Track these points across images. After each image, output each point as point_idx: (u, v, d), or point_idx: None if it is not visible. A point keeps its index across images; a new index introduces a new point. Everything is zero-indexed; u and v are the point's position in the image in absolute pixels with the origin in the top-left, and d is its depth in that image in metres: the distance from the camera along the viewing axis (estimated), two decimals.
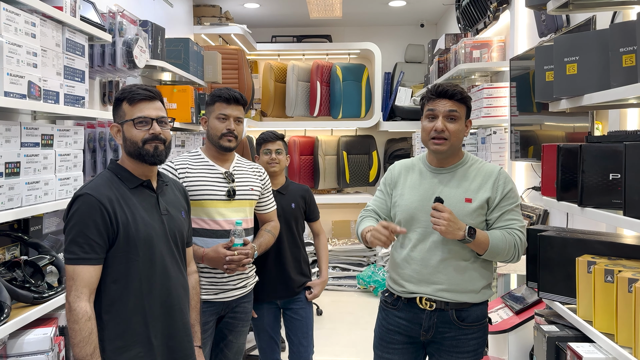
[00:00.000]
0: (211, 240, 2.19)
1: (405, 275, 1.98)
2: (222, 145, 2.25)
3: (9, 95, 1.69)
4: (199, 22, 4.97)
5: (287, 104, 6.00)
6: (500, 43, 3.72)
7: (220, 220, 2.21)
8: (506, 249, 1.88)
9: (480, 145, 3.77)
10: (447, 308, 1.92)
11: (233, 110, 2.25)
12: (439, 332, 1.94)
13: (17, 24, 1.75)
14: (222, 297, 2.23)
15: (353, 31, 6.47)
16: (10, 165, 1.76)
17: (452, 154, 1.97)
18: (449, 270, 1.92)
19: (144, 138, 1.69)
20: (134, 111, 1.71)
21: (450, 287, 1.92)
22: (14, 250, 2.06)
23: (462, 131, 1.94)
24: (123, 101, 1.74)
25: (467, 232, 1.84)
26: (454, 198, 1.92)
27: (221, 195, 2.23)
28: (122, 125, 1.73)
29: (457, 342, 1.94)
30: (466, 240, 1.85)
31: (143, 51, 2.86)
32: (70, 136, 2.17)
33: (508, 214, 1.93)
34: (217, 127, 2.24)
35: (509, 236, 1.89)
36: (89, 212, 1.58)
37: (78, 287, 1.54)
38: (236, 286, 2.27)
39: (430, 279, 1.93)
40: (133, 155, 1.72)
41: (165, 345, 1.69)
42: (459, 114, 1.91)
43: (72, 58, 2.14)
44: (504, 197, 1.93)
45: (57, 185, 2.04)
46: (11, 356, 1.72)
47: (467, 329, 1.93)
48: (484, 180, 1.94)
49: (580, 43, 1.68)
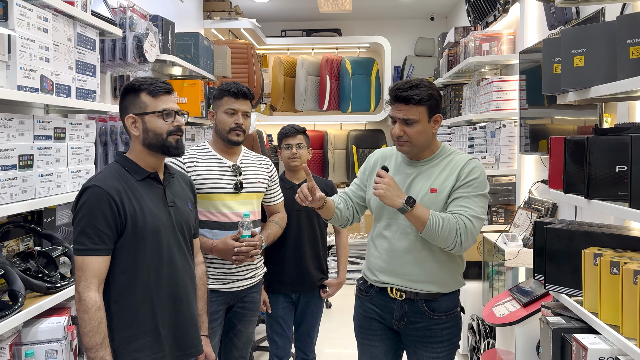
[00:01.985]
0: (220, 232, 2.22)
1: (376, 265, 2.02)
2: (231, 140, 2.28)
3: (22, 89, 1.73)
4: (209, 16, 5.00)
5: (296, 98, 6.02)
6: (510, 36, 3.70)
7: (228, 212, 2.24)
8: (446, 230, 1.82)
9: (489, 138, 3.77)
10: (417, 298, 1.94)
11: (241, 105, 2.28)
12: (411, 322, 1.96)
13: (30, 19, 1.78)
14: (231, 287, 2.26)
15: (363, 25, 6.46)
16: (24, 158, 1.80)
17: (422, 149, 1.97)
18: (414, 260, 1.93)
19: (169, 130, 1.73)
20: (158, 103, 1.73)
21: (416, 278, 1.93)
22: (28, 242, 2.10)
23: (423, 132, 1.91)
24: (142, 92, 1.73)
25: (406, 201, 1.83)
26: (422, 189, 1.94)
27: (229, 188, 2.26)
28: (143, 116, 1.73)
29: (429, 332, 1.95)
30: (404, 209, 1.83)
31: (153, 46, 2.89)
32: (82, 129, 2.21)
33: (462, 200, 1.88)
34: (226, 122, 2.27)
35: (452, 220, 1.84)
36: (97, 204, 1.60)
37: (87, 277, 1.58)
38: (245, 276, 2.30)
39: (398, 270, 1.96)
40: (154, 146, 1.74)
41: (173, 335, 1.72)
42: (416, 118, 1.89)
43: (84, 52, 2.17)
44: (463, 184, 1.90)
45: (70, 177, 2.08)
46: (25, 344, 1.76)
47: (438, 319, 1.95)
48: (452, 170, 1.93)
49: (588, 35, 1.67)
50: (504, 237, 2.97)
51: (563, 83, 1.75)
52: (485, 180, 1.94)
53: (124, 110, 1.77)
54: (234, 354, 2.37)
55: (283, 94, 6.00)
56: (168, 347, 1.70)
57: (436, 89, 1.94)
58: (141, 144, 1.75)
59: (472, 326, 3.31)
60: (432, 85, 1.94)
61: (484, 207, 1.91)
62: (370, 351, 2.07)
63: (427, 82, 1.94)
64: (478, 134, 3.84)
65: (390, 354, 2.05)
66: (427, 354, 1.97)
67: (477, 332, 3.19)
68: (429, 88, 1.91)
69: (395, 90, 1.91)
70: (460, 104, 4.48)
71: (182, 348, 1.75)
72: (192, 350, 1.79)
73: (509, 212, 3.62)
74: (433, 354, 1.96)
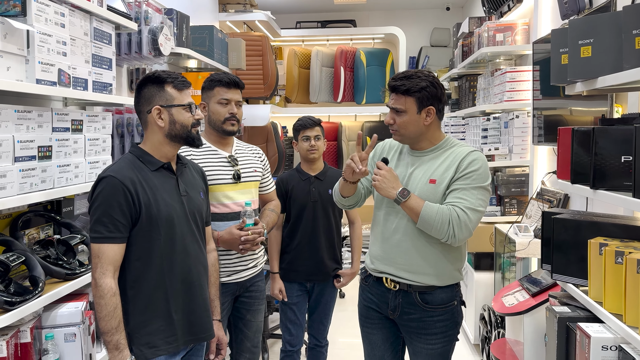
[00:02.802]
0: (222, 223, 2.25)
1: (374, 252, 2.06)
2: (226, 130, 2.30)
3: (40, 83, 1.79)
4: (224, 9, 5.04)
5: (311, 89, 6.04)
6: (524, 26, 3.67)
7: (229, 203, 2.28)
8: (438, 222, 1.83)
9: (503, 129, 3.76)
10: (410, 290, 1.95)
11: (234, 94, 2.31)
12: (405, 313, 1.98)
13: (47, 15, 1.84)
14: (235, 278, 2.31)
15: (378, 15, 6.44)
16: (43, 149, 1.87)
17: (416, 139, 1.98)
18: (409, 250, 1.95)
19: (192, 122, 1.80)
20: (183, 97, 1.80)
21: (410, 268, 1.95)
22: (48, 230, 2.18)
23: (412, 122, 1.92)
24: (166, 84, 1.78)
25: (400, 192, 1.86)
26: (422, 180, 1.95)
27: (228, 179, 2.29)
28: (170, 108, 1.78)
29: (423, 323, 1.97)
30: (397, 200, 1.87)
31: (168, 39, 2.94)
32: (98, 122, 2.27)
33: (459, 192, 1.87)
34: (220, 112, 2.29)
35: (446, 211, 1.85)
36: (112, 193, 1.66)
37: (103, 264, 1.64)
38: (247, 266, 2.35)
39: (393, 258, 1.98)
40: (178, 137, 1.79)
41: (186, 320, 1.78)
42: (402, 107, 1.90)
43: (100, 46, 2.23)
44: (462, 176, 1.89)
45: (87, 168, 2.14)
46: (46, 327, 1.84)
47: (432, 311, 1.95)
48: (452, 162, 1.92)
49: (595, 25, 1.67)
50: (516, 228, 2.98)
51: (570, 73, 1.75)
52: (485, 173, 1.92)
53: (146, 101, 1.79)
54: (245, 344, 2.40)
55: (298, 85, 6.02)
56: (181, 332, 1.76)
57: (432, 82, 1.91)
58: (164, 135, 1.79)
59: (484, 316, 3.33)
60: (429, 78, 1.92)
61: (482, 200, 1.89)
62: (370, 339, 2.11)
63: (424, 74, 1.92)
64: (492, 124, 3.83)
65: (389, 342, 2.09)
66: (422, 345, 1.99)
67: (489, 322, 3.21)
68: (422, 80, 1.89)
69: (390, 80, 1.95)
70: (474, 95, 4.47)
71: (194, 332, 1.80)
72: (204, 335, 1.84)
73: (522, 203, 3.62)
74: (427, 345, 1.98)
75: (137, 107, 1.83)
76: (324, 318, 2.86)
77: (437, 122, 1.98)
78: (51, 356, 1.79)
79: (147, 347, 1.69)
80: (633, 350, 1.49)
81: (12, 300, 1.63)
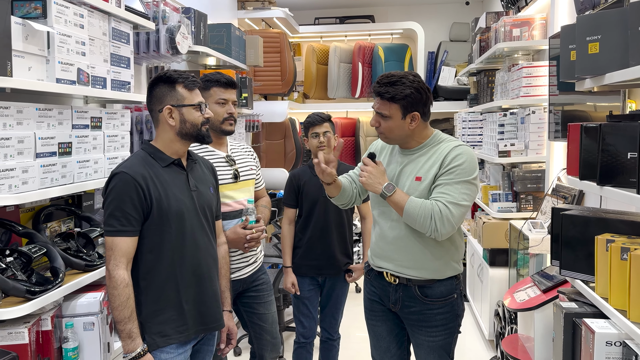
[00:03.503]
0: (225, 222, 2.29)
1: (373, 250, 2.10)
2: (225, 130, 2.32)
3: (60, 82, 1.86)
4: (243, 6, 5.10)
5: (329, 85, 6.07)
6: (542, 21, 3.64)
7: (230, 202, 2.32)
8: (421, 216, 1.86)
9: (519, 125, 3.74)
10: (410, 284, 1.99)
11: (231, 94, 2.33)
12: (406, 306, 2.02)
13: (67, 16, 1.91)
14: (237, 275, 2.37)
15: (396, 10, 6.43)
16: (63, 146, 1.95)
17: (403, 141, 2.00)
18: (404, 247, 1.98)
19: (202, 121, 1.86)
20: (194, 96, 1.85)
21: (407, 264, 1.98)
22: (69, 223, 2.27)
23: (396, 127, 1.94)
24: (177, 84, 1.83)
25: (385, 187, 1.90)
26: (409, 177, 1.97)
27: (228, 178, 2.33)
28: (181, 108, 1.83)
29: (423, 316, 2.00)
30: (383, 194, 1.91)
31: (185, 37, 3.01)
32: (117, 119, 2.34)
33: (443, 187, 1.89)
34: (218, 112, 2.30)
35: (428, 206, 1.87)
36: (125, 189, 1.72)
37: (116, 256, 1.71)
38: (248, 263, 2.41)
39: (390, 255, 2.02)
40: (189, 135, 1.85)
41: (196, 310, 1.84)
42: (387, 113, 1.92)
43: (118, 46, 2.30)
44: (445, 172, 1.90)
45: (106, 164, 2.22)
46: (66, 316, 1.92)
47: (431, 304, 1.98)
48: (437, 158, 1.94)
49: (602, 21, 1.67)
50: (530, 224, 2.97)
51: (578, 70, 1.75)
52: (471, 167, 1.91)
53: (158, 101, 1.85)
54: (265, 337, 2.45)
55: (315, 81, 6.06)
56: (191, 321, 1.82)
57: (416, 88, 1.91)
58: (175, 134, 1.85)
59: (498, 312, 3.33)
60: (414, 84, 1.91)
61: (466, 194, 1.89)
62: (375, 331, 2.17)
63: (409, 80, 1.91)
64: (508, 120, 3.81)
65: (394, 333, 2.13)
66: (423, 337, 2.03)
67: (503, 318, 3.21)
68: (407, 87, 1.89)
69: (375, 83, 1.96)
70: (492, 90, 4.44)
71: (205, 322, 1.87)
72: (214, 325, 1.91)
73: (538, 200, 3.60)
74: (429, 337, 2.01)
75: (149, 106, 1.89)
76: (335, 312, 2.91)
77: (423, 123, 1.99)
78: (71, 344, 1.88)
79: (159, 336, 1.76)
80: (637, 347, 1.50)
81: (33, 289, 1.71)
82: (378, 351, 2.17)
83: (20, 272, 1.75)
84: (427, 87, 1.96)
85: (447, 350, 2.03)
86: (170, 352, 1.78)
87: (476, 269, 4.11)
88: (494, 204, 3.75)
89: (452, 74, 5.99)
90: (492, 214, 3.76)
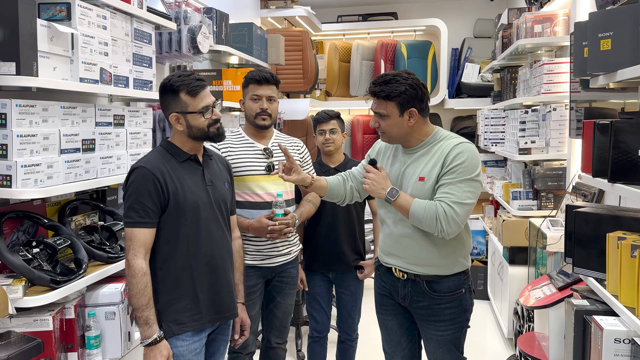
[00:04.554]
0: (255, 211, 2.38)
1: (381, 247, 2.14)
2: (258, 124, 2.43)
3: (83, 81, 1.95)
4: (266, 5, 5.16)
5: (351, 83, 6.09)
6: (564, 16, 3.59)
7: (261, 193, 2.39)
8: (426, 218, 1.88)
9: (540, 122, 3.70)
10: (418, 279, 2.01)
11: (265, 90, 2.41)
12: (414, 301, 2.05)
13: (90, 18, 2.00)
14: (267, 262, 2.43)
15: (420, 7, 6.40)
16: (87, 142, 2.03)
17: (404, 140, 2.02)
18: (411, 245, 2.00)
19: (208, 124, 1.91)
20: (197, 102, 1.89)
21: (414, 261, 2.00)
22: (93, 217, 2.36)
23: (395, 125, 1.95)
24: (180, 92, 1.87)
25: (388, 192, 1.93)
26: (412, 178, 1.99)
27: (261, 170, 2.41)
28: (185, 115, 1.89)
29: (431, 310, 2.02)
30: (387, 199, 1.95)
31: (206, 37, 3.08)
32: (140, 116, 2.43)
33: (446, 187, 1.90)
34: (252, 108, 2.42)
35: (432, 207, 1.88)
36: (143, 183, 1.80)
37: (135, 246, 1.78)
38: (280, 253, 2.46)
39: (398, 253, 2.05)
40: (198, 138, 1.92)
41: (211, 300, 1.91)
42: (384, 112, 1.94)
43: (140, 46, 2.38)
44: (448, 171, 1.91)
45: (128, 160, 2.30)
46: (88, 306, 2.01)
47: (440, 299, 2.01)
48: (439, 158, 1.94)
49: (615, 18, 1.66)
50: (549, 222, 2.95)
51: (590, 66, 1.75)
52: (473, 165, 1.91)
53: (166, 108, 1.93)
54: (274, 323, 2.56)
55: (338, 79, 6.08)
56: (206, 310, 1.89)
57: (411, 84, 1.92)
58: (186, 135, 1.92)
59: (517, 311, 3.32)
60: (408, 80, 1.92)
61: (470, 192, 1.89)
62: (386, 324, 2.20)
63: (402, 77, 1.93)
64: (530, 117, 3.77)
65: (404, 327, 2.16)
66: (432, 332, 2.05)
67: (521, 316, 3.19)
68: (401, 84, 1.91)
69: (370, 84, 1.99)
70: (515, 87, 4.40)
71: (219, 311, 1.93)
72: (228, 314, 1.98)
73: (559, 197, 3.56)
74: (437, 331, 2.04)
75: (162, 110, 1.97)
76: (351, 311, 2.88)
77: (422, 119, 2.00)
78: (93, 332, 1.96)
79: (175, 324, 1.83)
80: None
81: (58, 279, 1.80)
82: (389, 345, 2.21)
83: (45, 262, 1.84)
84: (422, 83, 1.97)
85: (455, 345, 2.05)
86: (185, 339, 1.84)
87: (497, 267, 4.09)
88: (514, 202, 3.72)
89: (475, 71, 5.94)
90: (512, 211, 3.74)
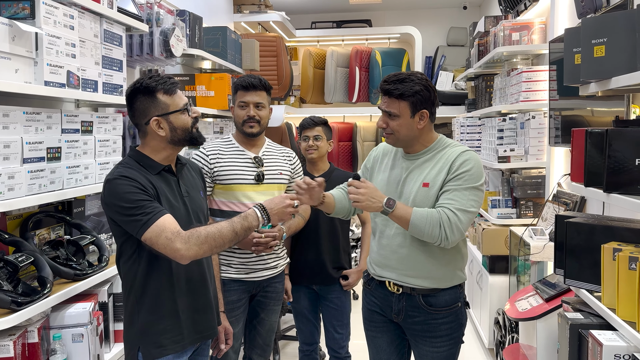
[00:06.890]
0: None
1: (374, 259, 2.04)
2: (245, 132, 2.33)
3: (48, 85, 1.80)
4: (239, 10, 5.05)
5: (325, 90, 6.03)
6: (541, 25, 3.61)
7: (248, 203, 2.28)
8: (429, 227, 1.81)
9: (519, 130, 3.69)
10: (414, 293, 1.94)
11: (252, 97, 2.31)
12: (409, 316, 1.96)
13: (56, 17, 1.85)
14: (252, 276, 2.31)
15: (394, 15, 6.41)
16: (52, 151, 1.88)
17: (409, 143, 1.95)
18: (408, 256, 1.93)
19: (192, 123, 1.78)
20: (177, 100, 1.75)
21: (411, 273, 1.93)
22: (59, 230, 2.20)
23: (405, 125, 1.89)
24: (157, 92, 1.72)
25: (385, 203, 1.83)
26: (416, 184, 1.92)
27: (250, 179, 2.30)
28: (168, 116, 1.72)
29: (428, 326, 1.95)
30: (385, 211, 1.84)
31: (180, 40, 2.95)
32: (109, 123, 2.28)
33: (450, 194, 1.85)
34: (239, 115, 2.33)
35: (435, 215, 1.82)
36: (128, 186, 1.64)
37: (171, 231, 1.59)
38: (266, 266, 2.34)
39: (393, 265, 1.96)
40: (181, 141, 1.76)
41: (191, 319, 1.78)
42: (396, 111, 1.88)
43: (110, 48, 2.24)
44: (453, 177, 1.86)
45: (97, 169, 2.16)
46: (54, 327, 1.86)
47: (436, 314, 1.93)
48: (444, 164, 1.90)
49: (608, 24, 1.63)
50: (531, 230, 2.92)
51: (583, 74, 1.71)
52: (478, 173, 1.88)
53: (141, 114, 1.74)
54: (257, 341, 2.43)
55: (312, 86, 6.01)
56: (187, 331, 1.77)
57: (425, 85, 1.90)
58: (167, 142, 1.75)
59: (498, 320, 3.28)
60: (422, 81, 1.90)
61: (474, 200, 1.86)
62: (375, 342, 2.10)
63: (417, 77, 1.90)
64: (507, 125, 3.77)
65: (394, 345, 2.07)
66: (427, 348, 1.97)
67: (503, 326, 3.15)
68: (416, 84, 1.88)
69: (382, 82, 1.93)
70: (491, 95, 4.40)
71: (199, 331, 1.81)
72: (209, 333, 1.86)
73: (538, 206, 3.55)
74: (433, 348, 1.96)
75: (132, 120, 1.78)
76: (337, 326, 2.76)
77: (430, 124, 1.96)
78: (59, 356, 1.81)
79: (154, 347, 1.70)
80: None
81: (19, 300, 1.64)
82: None
83: (5, 282, 1.68)
84: (434, 86, 1.94)
85: None
86: None
87: (475, 276, 4.06)
88: (493, 210, 3.70)
89: (449, 79, 5.97)
90: (491, 220, 3.72)
